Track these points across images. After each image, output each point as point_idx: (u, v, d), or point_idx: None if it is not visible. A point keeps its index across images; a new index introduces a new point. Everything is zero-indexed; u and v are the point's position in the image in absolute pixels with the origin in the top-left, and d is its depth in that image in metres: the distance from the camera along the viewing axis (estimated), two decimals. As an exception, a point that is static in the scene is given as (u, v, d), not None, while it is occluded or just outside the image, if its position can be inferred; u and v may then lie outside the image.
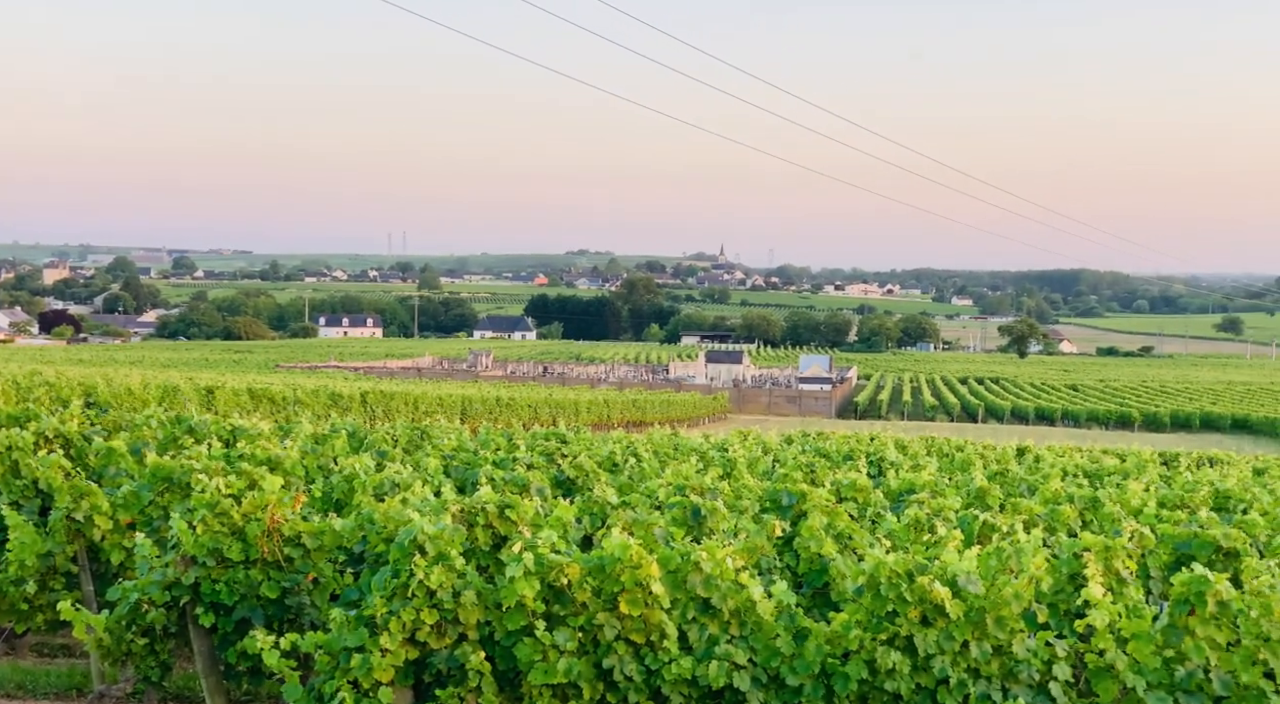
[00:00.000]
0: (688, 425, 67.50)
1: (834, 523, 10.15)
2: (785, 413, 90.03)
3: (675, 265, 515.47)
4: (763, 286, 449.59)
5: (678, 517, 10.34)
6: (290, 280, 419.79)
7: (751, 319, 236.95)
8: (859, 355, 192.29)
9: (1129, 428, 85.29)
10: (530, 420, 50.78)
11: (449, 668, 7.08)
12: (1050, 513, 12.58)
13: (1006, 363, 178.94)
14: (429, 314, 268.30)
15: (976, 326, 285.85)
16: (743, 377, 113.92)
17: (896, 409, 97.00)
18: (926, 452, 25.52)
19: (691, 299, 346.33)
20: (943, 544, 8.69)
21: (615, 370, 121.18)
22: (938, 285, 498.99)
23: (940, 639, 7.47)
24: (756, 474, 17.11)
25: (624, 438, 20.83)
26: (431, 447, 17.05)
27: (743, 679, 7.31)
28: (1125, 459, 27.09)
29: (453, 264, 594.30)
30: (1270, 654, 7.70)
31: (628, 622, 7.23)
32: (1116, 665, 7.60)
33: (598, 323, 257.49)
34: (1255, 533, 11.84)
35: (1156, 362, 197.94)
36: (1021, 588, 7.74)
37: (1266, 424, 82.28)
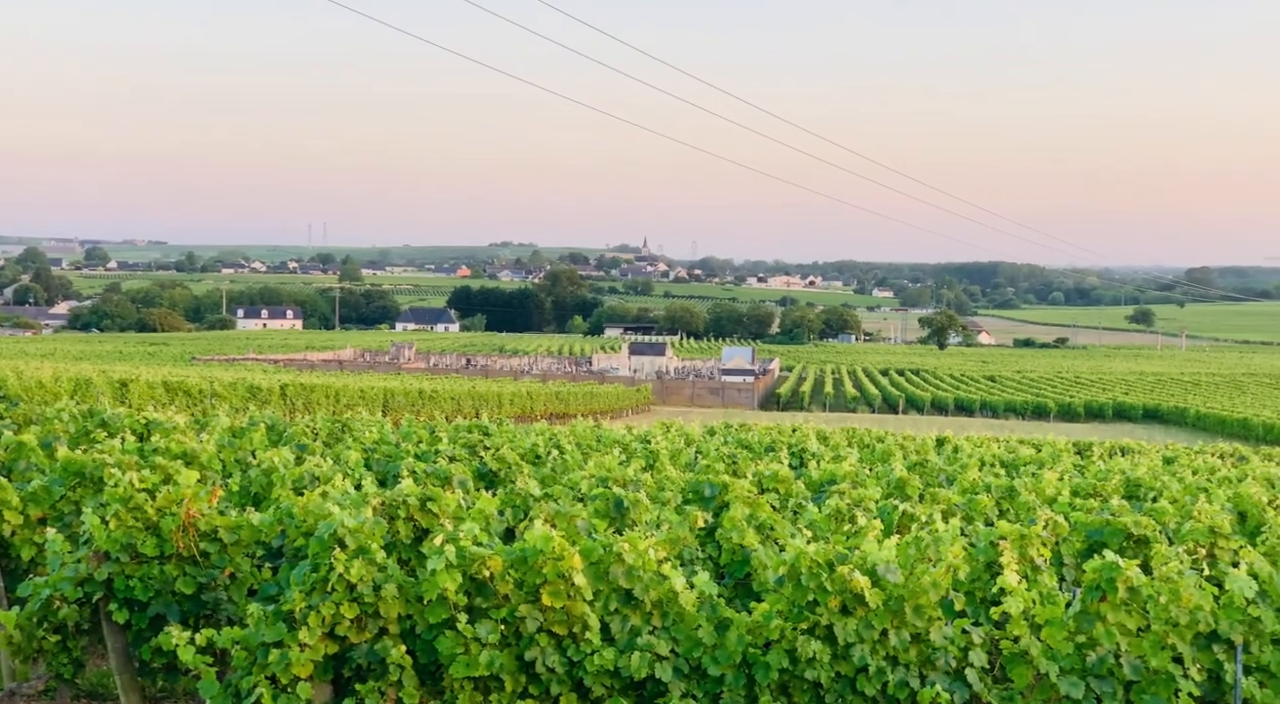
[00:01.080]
0: (611, 417, 67.52)
1: (756, 514, 10.21)
2: (708, 404, 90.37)
3: (599, 257, 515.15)
4: (686, 278, 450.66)
5: (600, 508, 10.34)
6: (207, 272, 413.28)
7: (675, 311, 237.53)
8: (781, 347, 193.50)
9: (1045, 418, 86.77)
10: (453, 413, 50.49)
11: (369, 662, 7.02)
12: (968, 502, 12.76)
13: (927, 354, 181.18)
14: (350, 306, 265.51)
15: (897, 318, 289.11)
16: (666, 368, 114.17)
17: (819, 400, 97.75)
18: (847, 443, 25.76)
19: (615, 291, 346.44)
20: (863, 534, 8.77)
21: (539, 362, 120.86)
22: (859, 277, 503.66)
23: (860, 628, 7.55)
24: (679, 466, 17.16)
25: (547, 430, 20.79)
26: (353, 440, 16.89)
27: (665, 670, 7.33)
28: (1041, 449, 27.56)
29: (374, 256, 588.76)
30: (1179, 639, 7.88)
31: (550, 614, 7.22)
32: (1030, 651, 7.74)
33: (521, 315, 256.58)
34: (1165, 520, 12.10)
35: (1071, 353, 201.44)
36: (939, 577, 7.84)
37: (1176, 414, 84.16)
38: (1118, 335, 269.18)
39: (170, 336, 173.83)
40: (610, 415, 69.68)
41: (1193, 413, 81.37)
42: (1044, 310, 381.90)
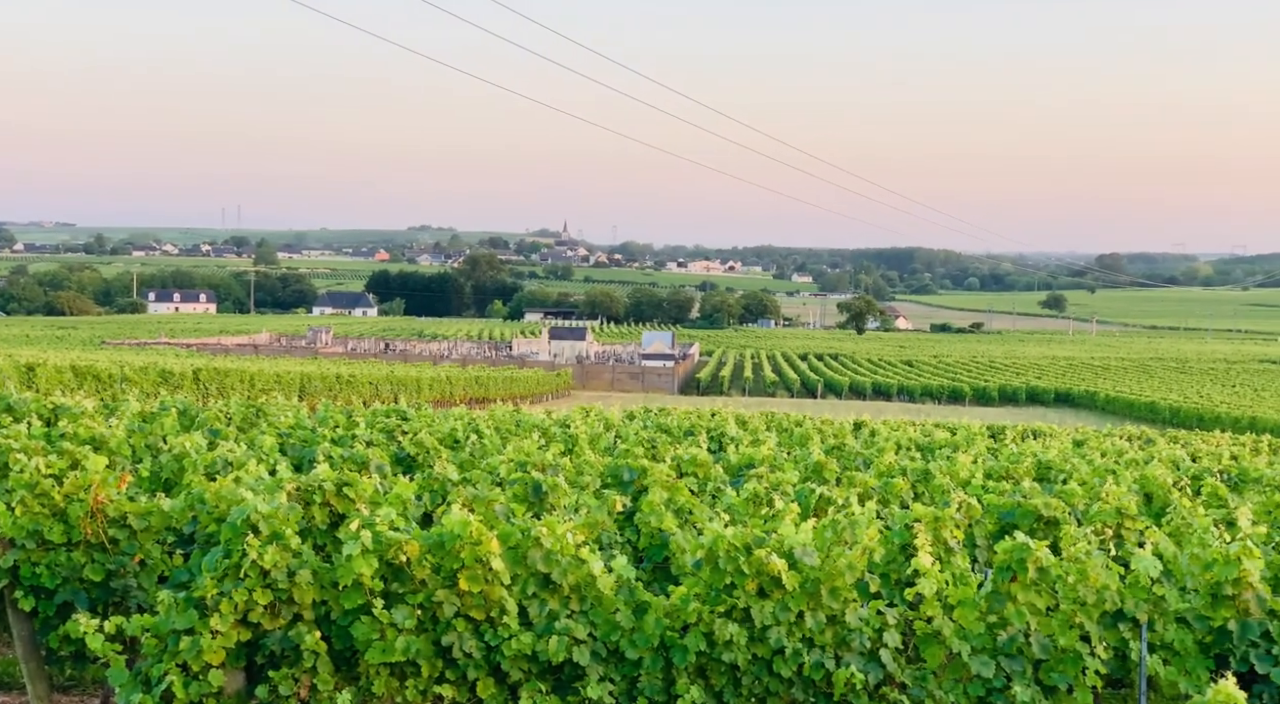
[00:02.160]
0: (531, 402, 67.34)
1: (674, 498, 10.24)
2: (628, 389, 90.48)
3: (519, 242, 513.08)
4: (606, 263, 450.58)
5: (519, 493, 10.31)
6: (117, 254, 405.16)
7: (595, 296, 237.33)
8: (701, 332, 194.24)
9: (960, 402, 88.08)
10: (371, 398, 50.04)
11: (283, 649, 6.94)
12: (884, 485, 12.91)
13: (845, 339, 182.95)
14: (266, 290, 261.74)
15: (816, 304, 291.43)
16: (586, 353, 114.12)
17: (738, 385, 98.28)
18: (766, 427, 25.93)
19: (535, 276, 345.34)
20: (780, 518, 8.84)
21: (458, 347, 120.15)
22: (779, 263, 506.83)
23: (777, 610, 7.61)
24: (598, 450, 17.16)
25: (466, 414, 20.69)
26: (267, 424, 16.67)
27: (582, 654, 7.33)
28: (956, 432, 27.96)
29: (291, 239, 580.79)
30: (1086, 618, 8.04)
31: (467, 598, 7.19)
32: (943, 631, 7.85)
33: (440, 299, 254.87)
34: (1074, 502, 12.33)
35: (986, 338, 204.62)
36: (855, 559, 7.93)
37: (1086, 397, 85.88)
38: (1031, 321, 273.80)
39: (79, 320, 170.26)
40: (530, 400, 69.50)
41: (1102, 397, 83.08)
42: (960, 296, 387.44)
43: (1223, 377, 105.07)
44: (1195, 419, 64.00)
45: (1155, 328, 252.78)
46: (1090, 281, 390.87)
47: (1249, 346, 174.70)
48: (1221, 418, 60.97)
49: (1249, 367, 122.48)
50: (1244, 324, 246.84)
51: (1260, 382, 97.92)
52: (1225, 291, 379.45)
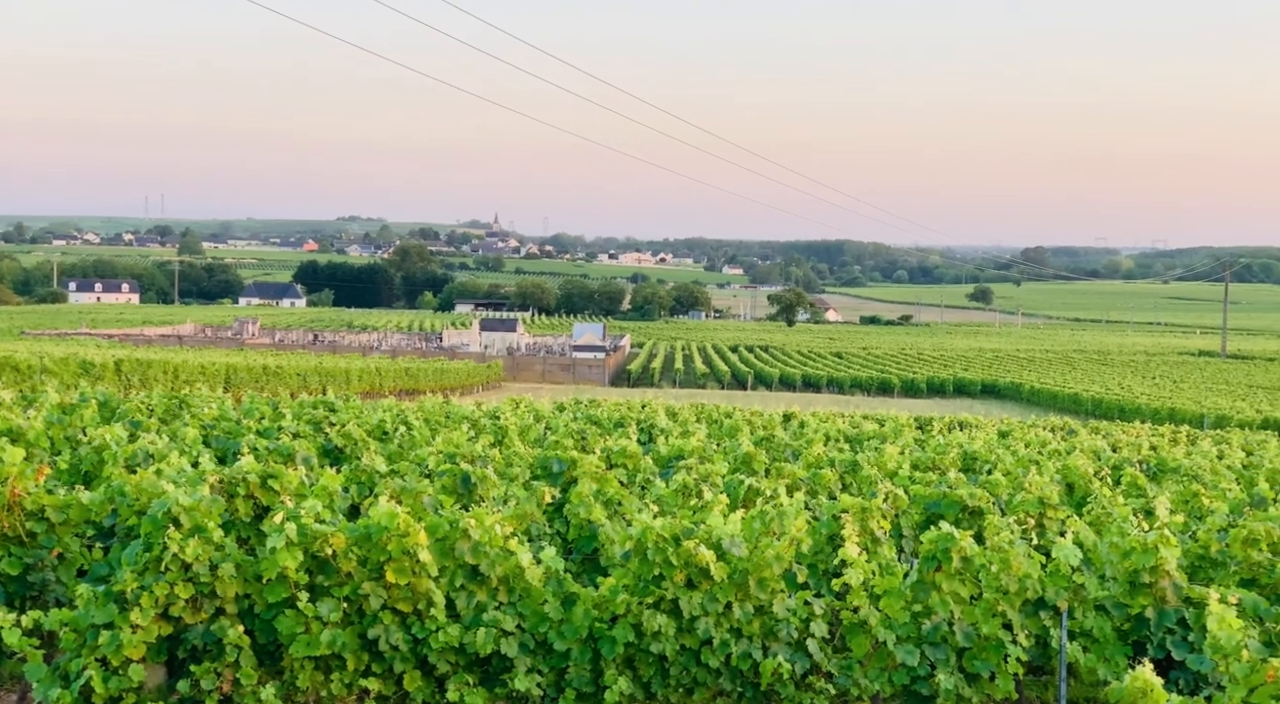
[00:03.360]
0: (461, 393, 66.98)
1: (604, 489, 10.24)
2: (559, 381, 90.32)
3: (449, 233, 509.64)
4: (537, 255, 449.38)
5: (448, 484, 10.26)
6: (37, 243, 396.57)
7: (526, 287, 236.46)
8: (632, 323, 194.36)
9: (889, 394, 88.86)
10: (299, 389, 49.47)
11: (205, 643, 6.85)
12: (812, 476, 12.98)
13: (775, 331, 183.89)
14: (191, 280, 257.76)
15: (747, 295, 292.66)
16: (517, 345, 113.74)
17: (669, 377, 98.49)
18: (696, 418, 26.00)
19: (466, 267, 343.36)
20: (709, 509, 8.85)
21: (388, 338, 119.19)
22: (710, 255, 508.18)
23: (705, 601, 7.63)
24: (528, 441, 17.12)
25: (395, 406, 20.52)
26: (190, 416, 16.43)
27: (510, 645, 7.31)
28: (884, 424, 28.22)
29: (216, 229, 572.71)
30: (1008, 606, 8.16)
31: (394, 591, 7.13)
32: (869, 621, 7.92)
33: (370, 290, 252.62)
34: (998, 492, 12.50)
35: (915, 330, 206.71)
36: (783, 550, 7.97)
37: (1012, 389, 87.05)
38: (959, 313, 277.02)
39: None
40: (460, 392, 69.15)
41: (1027, 388, 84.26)
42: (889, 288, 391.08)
43: (1143, 368, 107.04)
44: (1116, 410, 65.13)
45: (1079, 320, 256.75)
46: (1016, 274, 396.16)
47: (1168, 339, 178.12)
48: (1141, 409, 62.07)
49: (1168, 359, 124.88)
50: (1164, 317, 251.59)
51: (1179, 373, 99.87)
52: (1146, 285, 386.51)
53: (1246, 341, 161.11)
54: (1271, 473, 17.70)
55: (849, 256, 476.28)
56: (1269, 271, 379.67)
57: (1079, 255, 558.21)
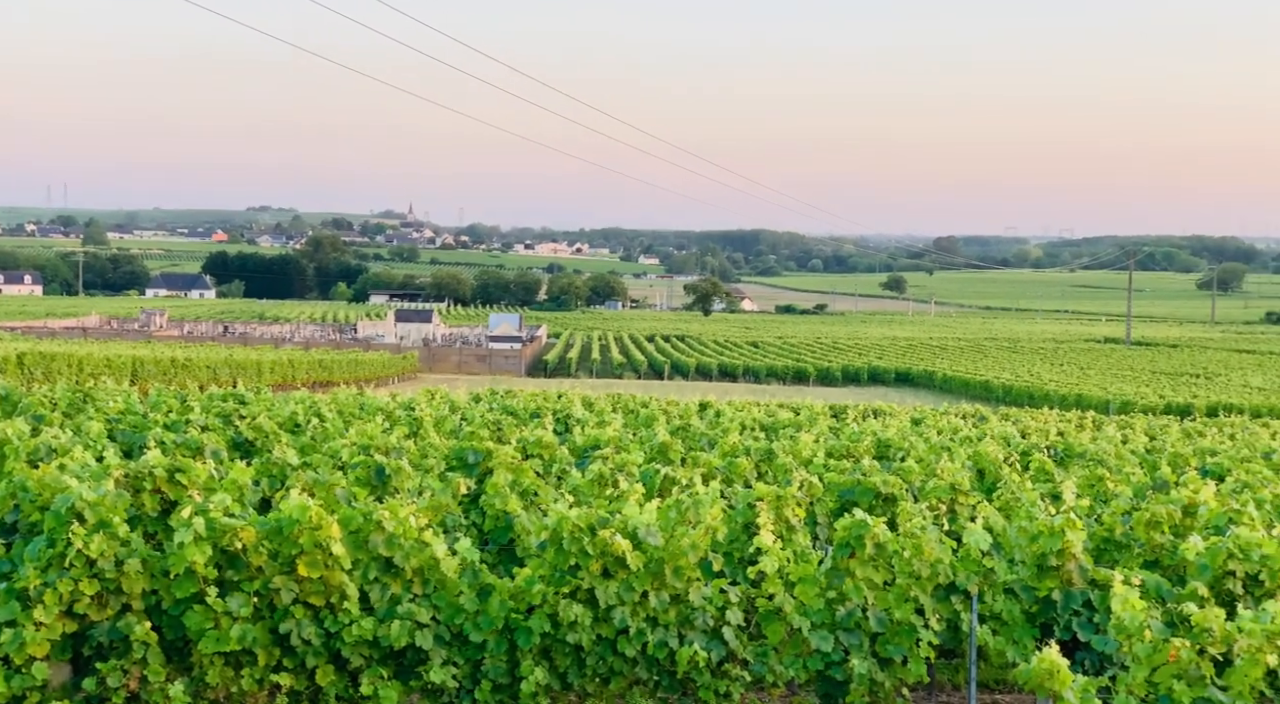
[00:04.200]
0: (375, 385, 66.32)
1: (520, 479, 10.20)
2: (476, 372, 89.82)
3: (363, 223, 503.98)
4: (453, 245, 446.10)
5: (361, 476, 10.16)
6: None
7: (442, 278, 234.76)
8: (549, 314, 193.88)
9: (805, 382, 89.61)
10: (208, 382, 48.67)
11: (111, 640, 6.71)
12: (728, 465, 13.05)
13: (692, 321, 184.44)
14: (96, 271, 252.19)
15: (663, 285, 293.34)
16: (433, 336, 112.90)
17: (585, 367, 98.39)
18: (612, 408, 26.02)
19: (380, 258, 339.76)
20: (625, 498, 8.86)
21: (301, 330, 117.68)
22: (626, 245, 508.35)
23: (621, 590, 7.64)
24: (444, 433, 17.00)
25: (307, 398, 20.27)
26: (95, 410, 16.08)
27: (425, 638, 7.26)
28: (799, 412, 28.44)
29: (122, 219, 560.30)
30: (921, 591, 8.27)
31: (306, 584, 7.05)
32: (784, 608, 7.98)
33: (282, 281, 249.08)
34: (911, 479, 12.65)
35: (830, 319, 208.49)
36: (699, 538, 8.00)
37: (925, 377, 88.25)
38: (873, 302, 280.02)
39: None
40: (375, 383, 68.47)
41: (940, 376, 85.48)
42: (804, 278, 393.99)
43: (1051, 356, 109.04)
44: (1026, 397, 66.28)
45: (989, 308, 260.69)
46: (928, 263, 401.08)
47: (1076, 327, 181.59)
48: (1050, 395, 63.24)
49: (1076, 346, 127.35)
50: (1071, 305, 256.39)
51: (1086, 360, 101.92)
52: (1054, 273, 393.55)
53: (1150, 328, 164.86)
54: (1173, 457, 18.13)
55: (764, 246, 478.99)
56: (1171, 260, 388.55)
57: (989, 244, 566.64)
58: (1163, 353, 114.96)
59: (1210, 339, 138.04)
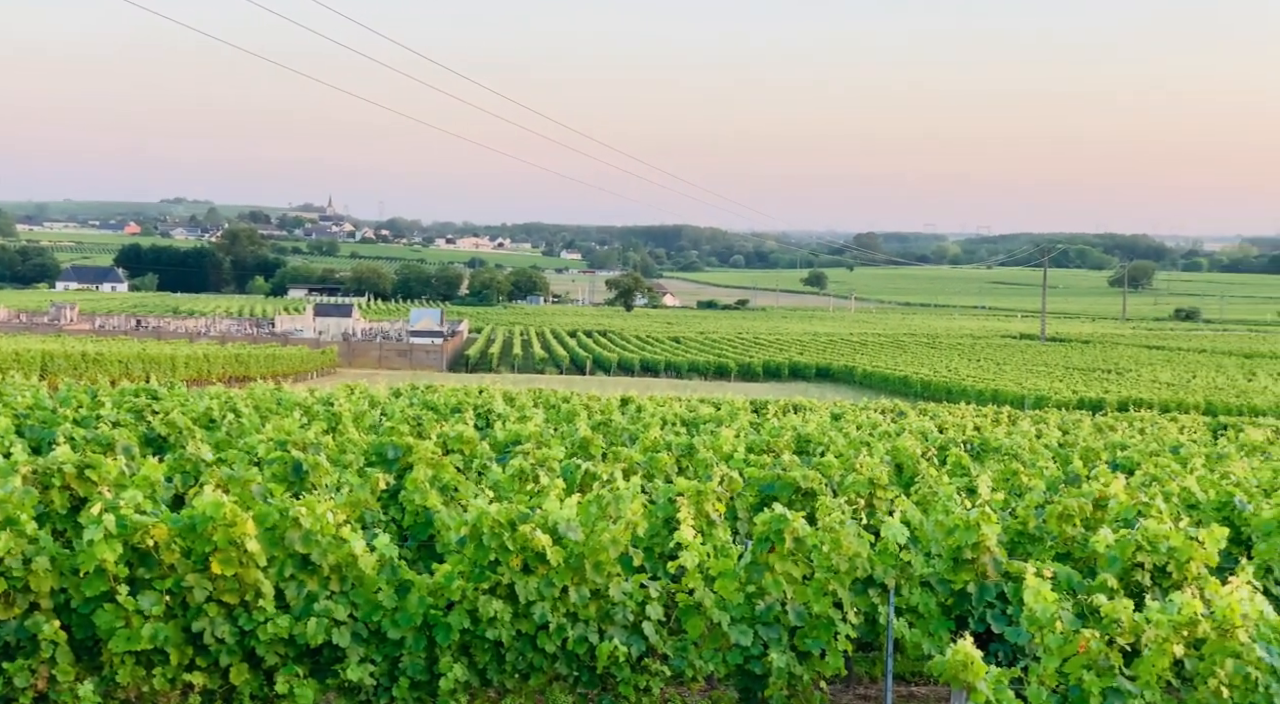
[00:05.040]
0: (294, 380, 65.56)
1: (440, 475, 10.13)
2: (396, 366, 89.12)
3: (281, 216, 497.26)
4: (373, 239, 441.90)
5: (278, 472, 10.03)
6: None
7: (361, 272, 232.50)
8: (470, 309, 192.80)
9: (726, 377, 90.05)
10: (120, 377, 47.79)
11: (19, 639, 6.56)
12: (649, 460, 13.07)
13: (614, 316, 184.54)
14: (4, 264, 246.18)
15: (585, 281, 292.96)
16: (352, 330, 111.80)
17: (507, 362, 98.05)
18: (534, 403, 25.95)
19: (299, 251, 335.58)
20: (545, 493, 8.84)
21: (217, 324, 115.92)
22: (548, 240, 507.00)
23: (541, 586, 7.62)
24: (363, 428, 16.84)
25: (223, 393, 19.97)
26: (2, 405, 15.71)
27: (342, 635, 7.18)
28: (720, 408, 28.57)
29: (30, 210, 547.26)
30: (839, 585, 8.34)
31: (220, 582, 6.94)
32: (704, 603, 8.01)
33: (197, 275, 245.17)
34: (831, 474, 12.76)
35: (751, 314, 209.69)
36: (619, 533, 8.00)
37: (845, 372, 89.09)
38: (794, 297, 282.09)
39: None
40: (293, 378, 67.69)
41: (860, 371, 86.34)
42: (726, 273, 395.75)
43: (969, 351, 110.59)
44: (944, 392, 67.19)
45: (909, 304, 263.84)
46: (849, 259, 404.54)
47: (992, 323, 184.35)
48: (967, 391, 64.16)
49: (992, 342, 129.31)
50: (988, 301, 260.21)
51: (1002, 356, 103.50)
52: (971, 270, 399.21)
53: (1064, 325, 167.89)
54: (1085, 451, 18.49)
55: (686, 242, 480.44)
56: (1084, 257, 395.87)
57: (909, 241, 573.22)
58: (1076, 349, 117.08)
59: (1121, 335, 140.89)
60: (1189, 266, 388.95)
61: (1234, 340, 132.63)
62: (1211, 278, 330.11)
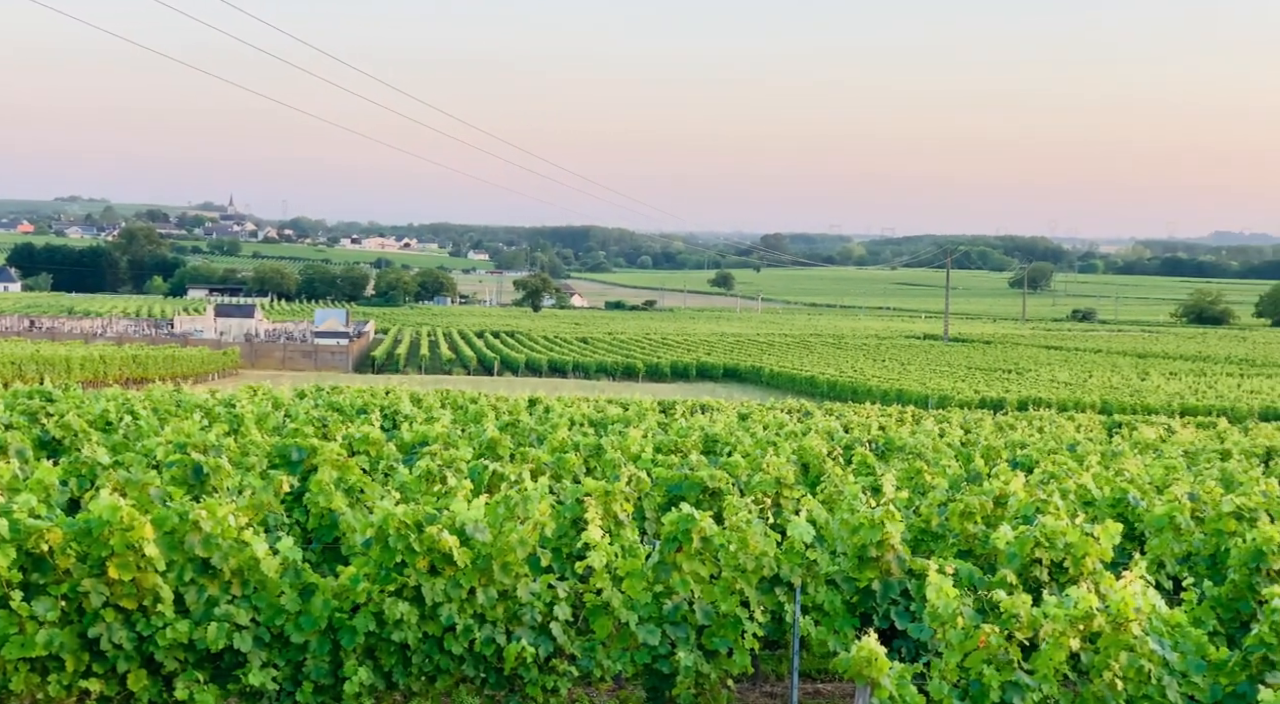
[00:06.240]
0: (194, 382, 64.34)
1: (345, 477, 10.02)
2: (301, 367, 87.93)
3: (180, 215, 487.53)
4: (276, 239, 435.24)
5: (177, 475, 9.83)
6: None
7: (264, 272, 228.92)
8: (377, 309, 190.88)
9: (634, 378, 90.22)
10: (12, 378, 46.55)
11: (-95, 651, 6.36)
12: (557, 461, 13.05)
13: (522, 317, 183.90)
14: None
15: (493, 281, 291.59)
16: (256, 331, 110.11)
17: (414, 363, 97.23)
18: (441, 404, 25.78)
19: (199, 251, 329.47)
20: (452, 494, 8.79)
21: (114, 324, 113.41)
22: (455, 240, 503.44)
23: (448, 587, 7.57)
24: (266, 430, 16.59)
25: (120, 395, 19.56)
26: (-110, 408, 15.22)
27: (244, 640, 7.07)
28: (628, 408, 28.63)
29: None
30: (746, 584, 8.40)
31: (118, 587, 6.79)
32: (612, 603, 8.02)
33: (94, 275, 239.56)
34: (738, 473, 12.85)
35: (659, 315, 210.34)
36: (527, 534, 7.98)
37: (752, 372, 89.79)
38: (701, 298, 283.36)
39: None
40: (194, 380, 66.46)
41: (767, 372, 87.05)
42: (634, 274, 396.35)
43: (874, 352, 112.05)
44: (849, 392, 67.98)
45: (815, 305, 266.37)
46: (756, 260, 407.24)
47: (897, 323, 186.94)
48: (872, 391, 64.99)
49: (897, 342, 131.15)
50: (892, 302, 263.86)
51: (906, 356, 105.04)
52: (876, 271, 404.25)
53: (966, 325, 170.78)
54: (986, 450, 18.82)
55: (594, 242, 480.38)
56: (985, 259, 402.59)
57: (815, 242, 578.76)
58: (978, 349, 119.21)
59: (1021, 336, 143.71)
60: (1085, 268, 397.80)
61: (1128, 341, 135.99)
62: (1107, 279, 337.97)
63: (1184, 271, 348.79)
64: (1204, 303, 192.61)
